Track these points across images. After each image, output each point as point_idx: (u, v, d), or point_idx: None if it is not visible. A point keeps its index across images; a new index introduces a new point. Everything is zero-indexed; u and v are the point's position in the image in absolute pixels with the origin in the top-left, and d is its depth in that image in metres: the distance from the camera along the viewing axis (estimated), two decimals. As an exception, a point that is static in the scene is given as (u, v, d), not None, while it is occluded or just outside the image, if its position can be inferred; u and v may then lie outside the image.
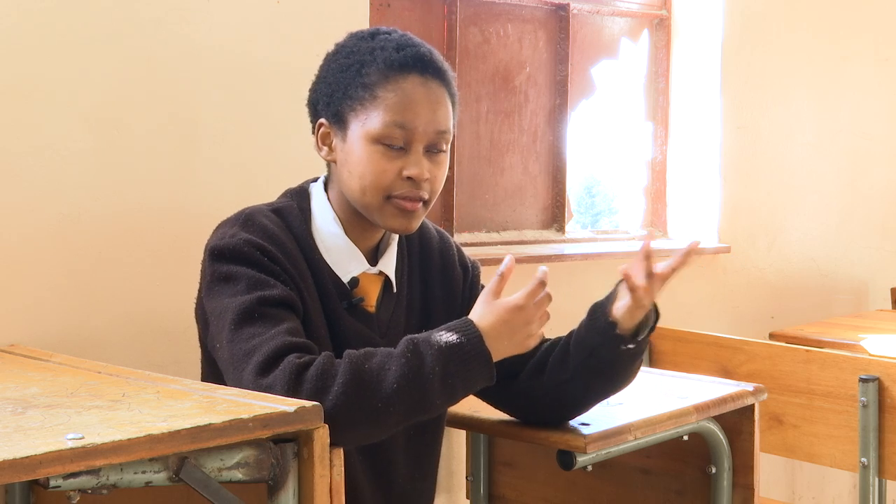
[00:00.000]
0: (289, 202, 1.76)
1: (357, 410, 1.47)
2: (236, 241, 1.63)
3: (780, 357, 2.63)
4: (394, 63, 1.67)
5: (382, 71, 1.67)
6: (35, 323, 2.05)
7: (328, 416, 1.38)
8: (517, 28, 3.12)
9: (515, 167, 3.12)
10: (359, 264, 1.74)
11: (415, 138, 1.67)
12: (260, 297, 1.57)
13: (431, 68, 1.70)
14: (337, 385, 1.46)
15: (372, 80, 1.67)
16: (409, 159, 1.67)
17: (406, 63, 1.67)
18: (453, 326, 1.56)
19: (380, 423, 1.50)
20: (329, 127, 1.72)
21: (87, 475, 1.18)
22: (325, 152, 1.74)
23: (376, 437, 1.56)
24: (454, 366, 1.52)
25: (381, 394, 1.48)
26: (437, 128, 1.68)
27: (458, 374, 1.52)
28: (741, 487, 2.05)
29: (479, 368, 1.54)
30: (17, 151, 2.02)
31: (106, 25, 2.11)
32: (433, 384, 1.50)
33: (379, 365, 1.50)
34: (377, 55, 1.68)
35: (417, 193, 1.68)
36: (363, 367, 1.49)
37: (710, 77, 3.44)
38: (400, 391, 1.48)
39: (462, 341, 1.53)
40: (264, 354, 1.50)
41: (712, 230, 3.46)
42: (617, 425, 1.82)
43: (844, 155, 3.89)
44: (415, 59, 1.68)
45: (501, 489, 2.43)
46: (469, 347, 1.53)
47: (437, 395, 1.52)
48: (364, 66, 1.68)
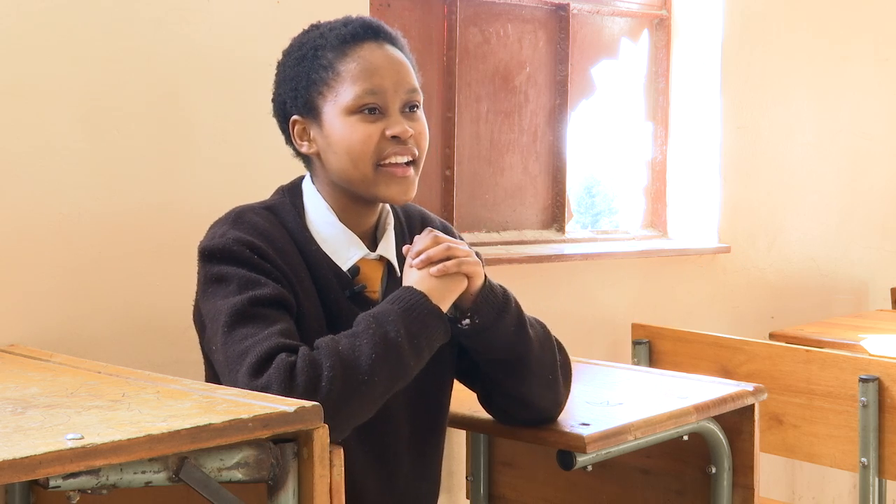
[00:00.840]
0: (281, 198, 1.77)
1: (348, 390, 1.50)
2: (226, 241, 1.63)
3: (780, 357, 2.63)
4: (346, 37, 1.70)
5: (337, 47, 1.70)
6: (35, 323, 2.05)
7: (326, 403, 1.40)
8: (517, 28, 3.12)
9: (515, 167, 3.12)
10: (358, 249, 1.75)
11: (388, 100, 1.69)
12: (251, 297, 1.58)
13: (382, 33, 1.73)
14: (325, 371, 1.49)
15: (330, 58, 1.69)
16: (389, 120, 1.69)
17: (357, 33, 1.70)
18: (398, 296, 1.62)
19: (368, 398, 1.53)
20: (303, 120, 1.73)
21: (86, 475, 1.18)
22: (306, 147, 1.75)
23: (367, 413, 1.57)
24: (415, 327, 1.58)
25: (363, 368, 1.51)
26: (407, 86, 1.71)
27: (421, 333, 1.58)
28: (741, 487, 2.05)
29: (434, 324, 1.61)
30: (16, 151, 2.02)
31: (106, 25, 2.11)
32: (403, 347, 1.55)
33: (350, 344, 1.54)
34: (327, 36, 1.72)
35: (405, 150, 1.70)
36: (338, 349, 1.52)
37: (710, 77, 3.44)
38: (377, 361, 1.52)
39: (412, 304, 1.60)
40: (257, 355, 1.51)
41: (712, 230, 3.46)
42: (617, 425, 1.82)
43: (844, 155, 3.89)
44: (364, 28, 1.71)
45: (501, 489, 2.43)
46: (420, 307, 1.60)
47: (409, 357, 1.57)
48: (318, 50, 1.71)
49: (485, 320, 1.68)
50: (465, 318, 1.68)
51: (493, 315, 1.69)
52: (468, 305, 1.68)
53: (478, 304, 1.68)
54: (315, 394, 1.47)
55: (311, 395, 1.45)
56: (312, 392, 1.47)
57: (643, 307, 3.21)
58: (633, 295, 3.22)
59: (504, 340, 1.71)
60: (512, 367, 1.74)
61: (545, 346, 1.77)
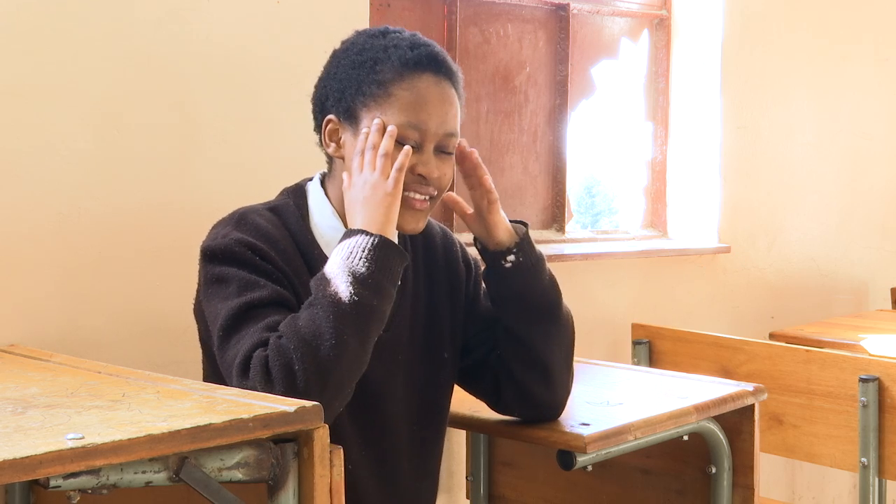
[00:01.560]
0: (285, 200, 1.77)
1: (322, 361, 1.48)
2: (227, 242, 1.63)
3: (780, 357, 2.63)
4: (409, 61, 1.67)
5: (397, 68, 1.67)
6: (35, 323, 2.05)
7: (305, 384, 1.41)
8: (517, 28, 3.12)
9: (515, 167, 3.12)
10: None
11: (427, 138, 1.68)
12: (249, 300, 1.58)
13: (444, 68, 1.71)
14: (293, 352, 1.48)
15: (386, 77, 1.67)
16: (421, 158, 1.68)
17: (420, 62, 1.68)
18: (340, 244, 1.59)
19: (346, 357, 1.51)
20: (338, 123, 1.72)
21: (87, 475, 1.18)
22: (333, 148, 1.73)
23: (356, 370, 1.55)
24: (363, 268, 1.55)
25: (326, 334, 1.49)
26: (447, 130, 1.70)
27: (374, 272, 1.55)
28: (741, 487, 2.05)
29: (384, 255, 1.57)
30: (16, 151, 2.02)
31: (106, 25, 2.11)
32: (359, 294, 1.52)
33: (308, 316, 1.52)
34: (391, 53, 1.68)
35: (427, 189, 1.69)
36: (298, 325, 1.51)
37: (710, 77, 3.44)
38: (338, 320, 1.50)
39: (353, 247, 1.56)
40: (241, 357, 1.52)
41: (712, 230, 3.46)
42: (617, 425, 1.82)
43: (844, 155, 3.89)
44: (429, 59, 1.69)
45: (501, 489, 2.43)
46: (361, 246, 1.56)
47: (371, 299, 1.53)
48: (378, 63, 1.68)
49: (528, 258, 1.70)
50: (509, 254, 1.68)
51: (535, 254, 1.71)
52: (511, 242, 1.70)
53: (521, 241, 1.70)
54: (293, 380, 1.47)
55: (290, 383, 1.46)
56: (290, 380, 1.47)
57: (643, 307, 3.21)
58: (633, 295, 3.22)
59: (542, 286, 1.73)
60: (543, 317, 1.74)
61: (569, 316, 1.80)
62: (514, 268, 1.71)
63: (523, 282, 1.73)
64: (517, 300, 1.75)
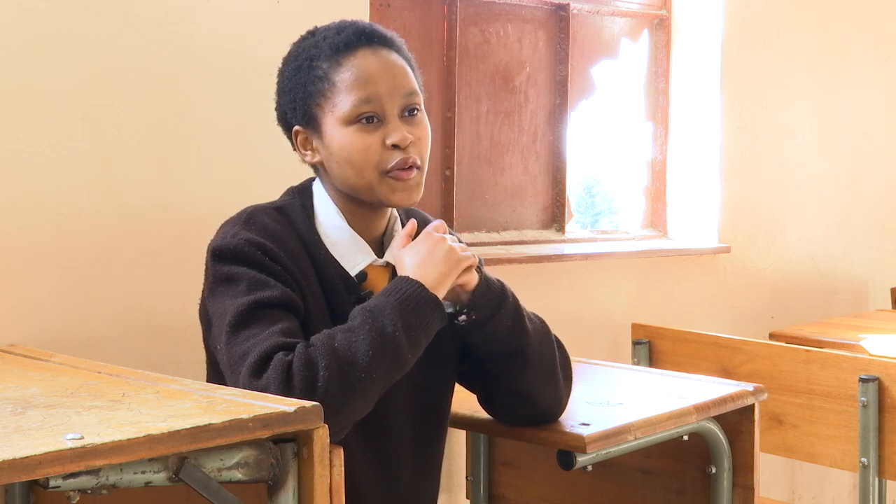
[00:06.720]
0: (292, 199, 1.77)
1: (346, 387, 1.50)
2: (237, 241, 1.63)
3: (780, 357, 2.63)
4: (339, 45, 1.69)
5: (331, 56, 1.69)
6: (35, 323, 2.05)
7: (323, 400, 1.40)
8: (517, 28, 3.12)
9: (515, 167, 3.12)
10: (365, 256, 1.75)
11: (385, 106, 1.68)
12: (258, 299, 1.58)
13: (377, 37, 1.72)
14: (321, 370, 1.49)
15: (325, 69, 1.69)
16: (388, 128, 1.68)
17: (350, 41, 1.69)
18: (394, 286, 1.61)
19: (367, 393, 1.53)
20: (304, 131, 1.73)
21: (86, 475, 1.18)
22: (310, 156, 1.75)
23: (366, 408, 1.57)
24: (412, 318, 1.58)
25: (360, 364, 1.51)
26: (403, 90, 1.70)
27: (418, 325, 1.58)
28: (741, 487, 2.05)
29: (431, 313, 1.60)
30: (16, 151, 2.02)
31: (106, 25, 2.11)
32: (400, 341, 1.55)
33: (346, 340, 1.53)
34: (321, 45, 1.71)
35: (408, 158, 1.69)
36: (334, 346, 1.52)
37: (710, 77, 3.44)
38: (375, 357, 1.52)
39: (408, 295, 1.59)
40: (256, 356, 1.51)
41: (712, 230, 3.46)
42: (617, 425, 1.82)
43: (844, 155, 3.88)
44: (357, 35, 1.70)
45: (501, 489, 2.43)
46: (416, 298, 1.59)
47: (407, 350, 1.57)
48: (314, 60, 1.70)
49: (481, 315, 1.69)
50: (461, 314, 1.69)
51: (489, 310, 1.70)
52: (465, 302, 1.69)
53: (475, 300, 1.69)
54: (312, 394, 1.47)
55: (309, 396, 1.46)
56: (309, 392, 1.47)
57: (643, 307, 3.21)
58: (633, 295, 3.22)
59: (502, 334, 1.72)
60: (511, 360, 1.74)
61: (544, 340, 1.77)
62: (468, 325, 1.70)
63: (481, 335, 1.72)
64: (480, 347, 1.76)
